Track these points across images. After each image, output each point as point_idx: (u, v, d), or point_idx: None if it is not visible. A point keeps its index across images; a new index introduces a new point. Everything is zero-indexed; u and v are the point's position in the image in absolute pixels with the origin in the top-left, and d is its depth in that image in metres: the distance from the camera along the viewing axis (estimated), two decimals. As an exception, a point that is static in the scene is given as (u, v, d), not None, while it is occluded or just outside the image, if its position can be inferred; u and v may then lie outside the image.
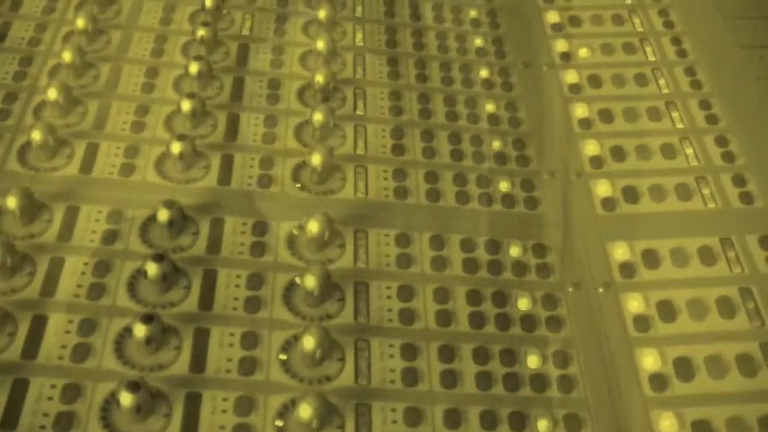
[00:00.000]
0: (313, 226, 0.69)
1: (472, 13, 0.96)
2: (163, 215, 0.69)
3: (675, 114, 0.87)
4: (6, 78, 0.80)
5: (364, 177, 0.77)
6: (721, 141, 0.84)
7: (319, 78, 0.81)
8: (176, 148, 0.73)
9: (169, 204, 0.69)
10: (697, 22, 0.97)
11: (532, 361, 0.67)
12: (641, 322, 0.70)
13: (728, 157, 0.83)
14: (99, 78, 0.82)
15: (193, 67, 0.81)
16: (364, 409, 0.62)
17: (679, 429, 0.63)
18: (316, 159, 0.74)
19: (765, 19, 0.98)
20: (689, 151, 0.84)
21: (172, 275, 0.66)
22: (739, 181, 0.81)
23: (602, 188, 0.80)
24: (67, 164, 0.74)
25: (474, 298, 0.70)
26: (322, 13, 0.89)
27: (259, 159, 0.77)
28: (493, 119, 0.85)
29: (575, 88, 0.89)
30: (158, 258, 0.65)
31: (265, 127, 0.80)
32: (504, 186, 0.79)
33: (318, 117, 0.78)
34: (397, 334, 0.67)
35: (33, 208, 0.70)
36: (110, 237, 0.69)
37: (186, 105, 0.77)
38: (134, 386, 0.58)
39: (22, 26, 0.86)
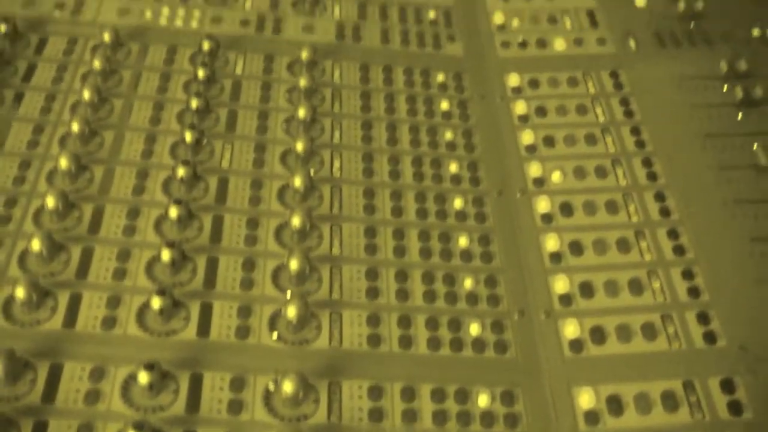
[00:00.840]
0: (288, 387, 0.74)
1: (448, 135, 1.01)
2: (144, 378, 0.73)
3: (643, 244, 0.92)
4: (-10, 222, 0.85)
5: (339, 324, 0.82)
6: (687, 274, 0.89)
7: (296, 221, 0.86)
8: (156, 303, 0.78)
9: (149, 366, 0.74)
10: (668, 142, 1.02)
11: None
12: (604, 475, 0.75)
13: (694, 292, 0.88)
14: (82, 221, 0.86)
15: (173, 212, 0.85)
16: None
17: None
18: (291, 312, 0.79)
19: (735, 137, 1.03)
20: (656, 285, 0.89)
21: (152, 441, 0.71)
22: (703, 318, 0.86)
23: (570, 329, 0.85)
24: (50, 317, 0.79)
25: (443, 453, 0.75)
26: (299, 146, 0.93)
27: (237, 308, 0.81)
28: (466, 255, 0.89)
29: (547, 218, 0.94)
30: (138, 426, 0.70)
31: (243, 271, 0.84)
32: (474, 329, 0.83)
33: (294, 265, 0.82)
34: (369, 494, 0.72)
35: (17, 369, 0.74)
36: (93, 397, 0.74)
37: (166, 254, 0.82)
38: None
39: (7, 163, 0.90)
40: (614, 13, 1.21)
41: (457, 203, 0.94)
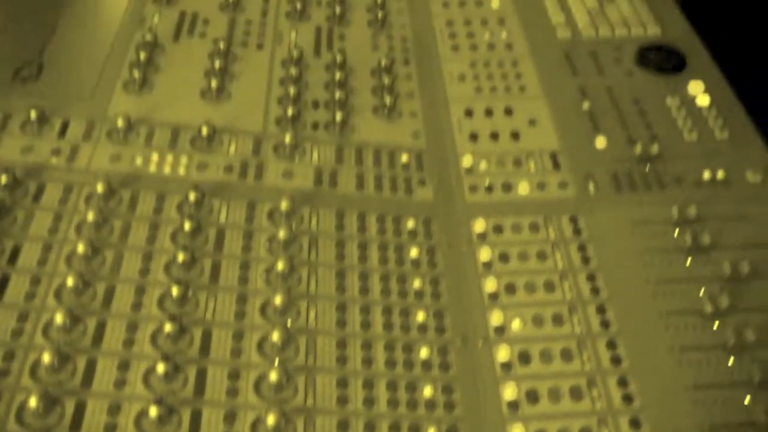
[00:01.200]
0: None
1: (416, 284, 1.12)
2: None
3: (595, 392, 1.03)
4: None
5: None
6: (634, 423, 1.00)
7: (273, 376, 0.96)
8: (144, 458, 0.88)
9: None
10: (621, 289, 1.13)
11: None
12: None
13: (640, 440, 0.98)
14: (75, 374, 0.96)
15: (160, 368, 0.96)
16: None
17: None
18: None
19: (684, 283, 1.14)
20: (605, 433, 0.99)
21: None
22: (650, 461, 0.96)
23: (525, 479, 0.95)
24: (46, 472, 0.88)
25: None
26: (278, 299, 1.04)
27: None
28: (430, 405, 1.00)
29: (507, 367, 1.04)
30: None
31: (225, 425, 0.94)
32: (436, 482, 0.93)
33: (270, 420, 0.93)
34: None
35: None
36: None
37: (153, 411, 0.92)
38: None
39: (6, 315, 1.01)
40: (576, 155, 1.33)
41: (423, 353, 1.04)
